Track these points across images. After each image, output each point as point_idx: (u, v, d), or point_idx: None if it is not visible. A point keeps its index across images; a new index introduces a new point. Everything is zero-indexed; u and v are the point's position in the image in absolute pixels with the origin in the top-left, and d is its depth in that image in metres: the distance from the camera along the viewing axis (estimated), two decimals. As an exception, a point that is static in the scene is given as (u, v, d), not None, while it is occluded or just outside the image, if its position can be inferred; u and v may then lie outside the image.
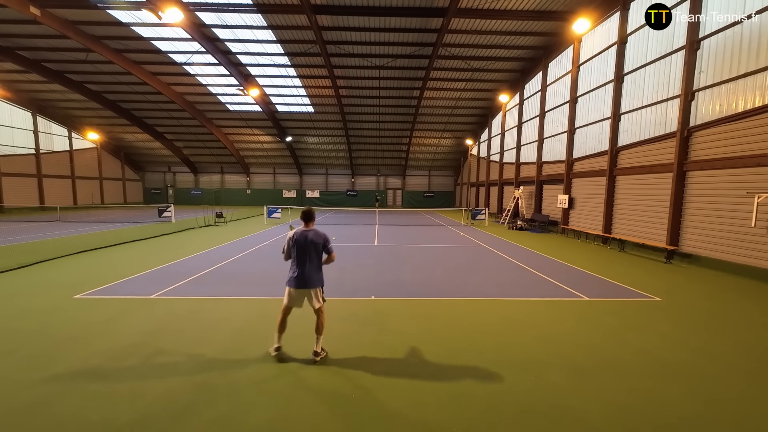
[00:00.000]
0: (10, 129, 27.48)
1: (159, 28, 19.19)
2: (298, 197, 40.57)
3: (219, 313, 5.94)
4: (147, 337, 4.95)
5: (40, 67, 23.87)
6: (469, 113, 30.33)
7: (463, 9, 16.48)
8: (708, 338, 5.26)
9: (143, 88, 26.24)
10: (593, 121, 15.73)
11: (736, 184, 9.51)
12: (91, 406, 3.42)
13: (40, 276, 8.16)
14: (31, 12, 16.13)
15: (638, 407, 3.52)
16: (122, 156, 38.60)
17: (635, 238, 12.80)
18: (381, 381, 3.93)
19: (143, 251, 11.36)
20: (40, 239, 13.67)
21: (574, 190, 17.32)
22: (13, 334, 5.07)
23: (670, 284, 8.35)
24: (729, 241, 9.67)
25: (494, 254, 11.89)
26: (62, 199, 30.82)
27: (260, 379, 3.95)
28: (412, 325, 5.53)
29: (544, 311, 6.30)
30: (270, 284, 7.73)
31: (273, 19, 18.02)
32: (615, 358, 4.56)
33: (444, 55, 21.23)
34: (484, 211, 22.16)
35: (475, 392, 3.74)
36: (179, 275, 8.33)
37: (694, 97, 10.79)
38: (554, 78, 19.30)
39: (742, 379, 4.11)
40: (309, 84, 25.73)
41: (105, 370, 4.08)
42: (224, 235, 15.38)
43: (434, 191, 41.31)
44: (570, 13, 16.16)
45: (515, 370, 4.21)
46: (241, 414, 3.34)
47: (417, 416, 3.34)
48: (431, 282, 8.14)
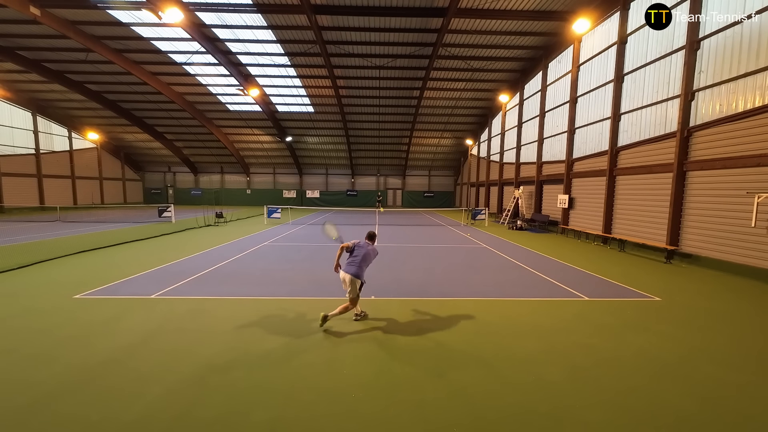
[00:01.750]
0: (10, 129, 27.48)
1: (159, 28, 19.18)
2: (298, 197, 40.57)
3: (219, 313, 5.94)
4: (147, 337, 4.95)
5: (40, 67, 23.87)
6: (469, 113, 30.34)
7: (463, 9, 16.48)
8: (708, 338, 5.26)
9: (143, 88, 26.24)
10: (593, 121, 15.73)
11: (736, 184, 9.51)
12: (91, 406, 3.42)
13: (40, 276, 8.17)
14: (31, 12, 16.13)
15: (638, 407, 3.52)
16: (122, 156, 38.61)
17: (635, 238, 12.80)
18: (381, 381, 3.94)
19: (143, 251, 11.36)
20: (40, 239, 13.67)
21: (574, 190, 17.32)
22: (14, 333, 5.07)
23: (670, 284, 8.35)
24: (729, 241, 9.67)
25: (494, 254, 11.89)
26: (62, 199, 30.83)
27: (260, 378, 3.95)
28: (412, 325, 5.53)
29: (544, 311, 6.31)
30: (270, 284, 7.73)
31: (273, 19, 18.02)
32: (615, 357, 4.56)
33: (444, 55, 21.23)
34: (484, 211, 22.16)
35: (475, 392, 3.74)
36: (179, 275, 8.34)
37: (694, 97, 10.79)
38: (554, 78, 19.29)
39: (742, 379, 4.11)
40: (309, 84, 25.73)
41: (105, 370, 4.08)
42: (224, 235, 15.38)
43: (434, 191, 41.31)
44: (570, 13, 16.16)
45: (515, 370, 4.21)
46: (241, 414, 3.34)
47: (417, 416, 3.34)
48: (431, 282, 8.14)
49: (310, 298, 6.86)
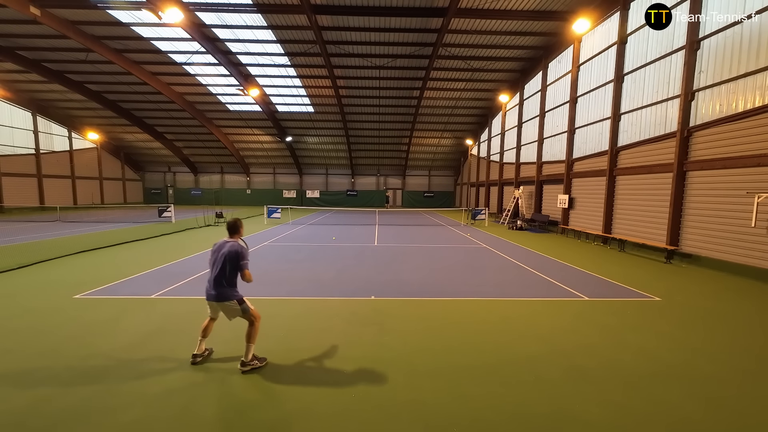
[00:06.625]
0: (10, 129, 27.48)
1: (159, 28, 19.18)
2: (298, 197, 40.56)
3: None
4: (147, 337, 4.95)
5: (40, 67, 23.87)
6: (469, 113, 30.33)
7: (463, 9, 16.48)
8: (708, 338, 5.25)
9: (143, 88, 26.23)
10: (593, 121, 15.73)
11: (736, 184, 9.50)
12: (91, 406, 3.42)
13: (40, 276, 8.16)
14: (31, 12, 16.13)
15: (638, 407, 3.52)
16: (122, 156, 38.60)
17: (635, 238, 12.79)
18: (381, 381, 3.94)
19: (143, 251, 11.36)
20: (40, 239, 13.66)
21: (574, 190, 17.32)
22: (14, 333, 5.07)
23: (670, 284, 8.35)
24: (729, 241, 9.66)
25: (494, 254, 11.89)
26: (62, 199, 30.82)
27: (260, 378, 3.95)
28: (412, 325, 5.53)
29: (543, 311, 6.30)
30: (270, 284, 7.73)
31: (273, 19, 18.02)
32: (615, 358, 4.55)
33: (444, 55, 21.23)
34: (484, 211, 22.16)
35: (474, 392, 3.74)
36: (179, 275, 8.33)
37: (694, 97, 10.79)
38: (554, 78, 19.29)
39: (742, 379, 4.11)
40: (309, 84, 25.73)
41: (105, 370, 4.08)
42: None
43: (434, 191, 41.30)
44: (570, 13, 16.16)
45: (515, 369, 4.21)
46: (241, 414, 3.34)
47: (417, 416, 3.34)
48: (431, 282, 8.14)
49: (310, 298, 6.87)
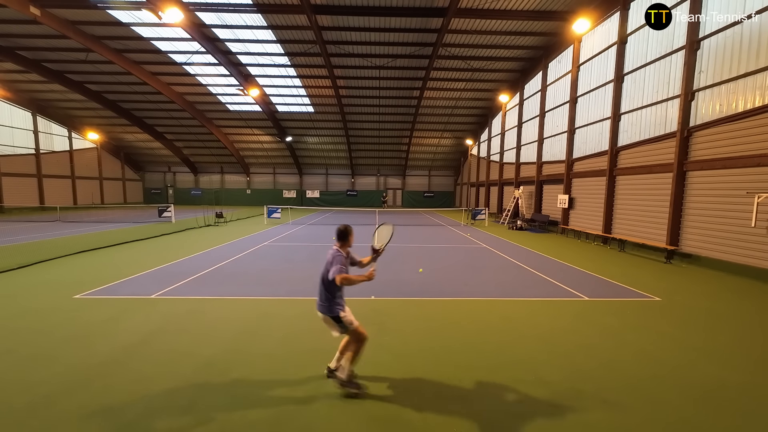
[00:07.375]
0: (10, 129, 27.47)
1: (159, 28, 19.17)
2: (298, 197, 40.56)
3: (219, 313, 5.94)
4: (147, 337, 4.95)
5: (40, 67, 23.86)
6: (469, 113, 30.33)
7: (463, 9, 16.48)
8: (708, 338, 5.25)
9: (143, 88, 26.23)
10: (593, 121, 15.72)
11: (736, 184, 9.50)
12: (91, 406, 3.42)
13: (40, 276, 8.16)
14: (31, 12, 16.13)
15: (638, 407, 3.52)
16: (122, 156, 38.59)
17: (635, 238, 12.79)
18: (380, 381, 3.94)
19: (143, 251, 11.36)
20: (40, 239, 13.67)
21: (574, 190, 17.32)
22: (13, 333, 5.07)
23: (670, 284, 8.35)
24: (729, 241, 9.66)
25: (494, 254, 11.88)
26: (62, 199, 30.81)
27: (260, 378, 3.95)
28: (412, 325, 5.53)
29: (543, 311, 6.30)
30: (270, 284, 7.73)
31: (273, 19, 18.01)
32: (615, 358, 4.55)
33: (444, 55, 21.22)
34: (484, 211, 22.16)
35: (474, 392, 3.74)
36: (179, 275, 8.33)
37: (694, 97, 10.78)
38: (554, 78, 19.29)
39: (742, 379, 4.11)
40: (309, 84, 25.72)
41: (105, 370, 4.08)
42: (224, 235, 15.38)
43: (434, 191, 41.30)
44: (570, 13, 16.15)
45: (515, 369, 4.21)
46: (241, 414, 3.34)
47: (417, 416, 3.34)
48: (431, 282, 8.13)
49: (310, 298, 6.85)
